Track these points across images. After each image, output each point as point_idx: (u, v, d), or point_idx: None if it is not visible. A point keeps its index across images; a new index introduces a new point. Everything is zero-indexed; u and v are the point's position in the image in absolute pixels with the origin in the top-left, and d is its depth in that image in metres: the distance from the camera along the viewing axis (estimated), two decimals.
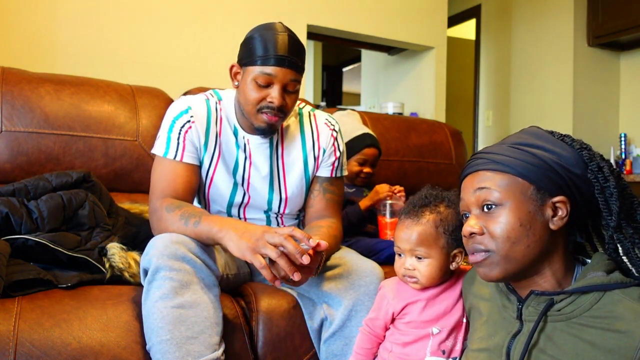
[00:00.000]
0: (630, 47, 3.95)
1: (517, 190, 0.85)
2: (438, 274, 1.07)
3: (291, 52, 1.25)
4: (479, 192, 0.87)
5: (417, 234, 1.06)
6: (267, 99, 1.25)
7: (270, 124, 1.28)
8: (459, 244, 1.06)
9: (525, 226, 0.84)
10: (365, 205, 1.88)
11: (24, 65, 1.93)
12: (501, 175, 0.86)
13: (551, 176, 0.85)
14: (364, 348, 1.14)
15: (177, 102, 1.35)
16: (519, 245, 0.84)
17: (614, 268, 0.86)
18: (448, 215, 1.08)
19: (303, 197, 1.44)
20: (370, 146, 1.98)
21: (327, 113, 1.50)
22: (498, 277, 0.87)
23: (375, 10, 3.53)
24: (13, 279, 1.10)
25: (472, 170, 0.91)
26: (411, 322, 1.08)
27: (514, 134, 0.93)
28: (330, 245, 1.26)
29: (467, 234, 0.88)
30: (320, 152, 1.42)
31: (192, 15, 2.92)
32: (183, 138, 1.29)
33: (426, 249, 1.06)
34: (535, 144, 0.87)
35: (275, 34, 1.24)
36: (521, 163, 0.85)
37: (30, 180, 1.40)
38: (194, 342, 1.05)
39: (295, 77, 1.28)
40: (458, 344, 1.07)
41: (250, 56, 1.26)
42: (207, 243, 1.17)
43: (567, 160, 0.85)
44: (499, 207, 0.85)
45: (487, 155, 0.89)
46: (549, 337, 0.84)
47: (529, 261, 0.85)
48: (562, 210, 0.85)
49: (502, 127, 4.54)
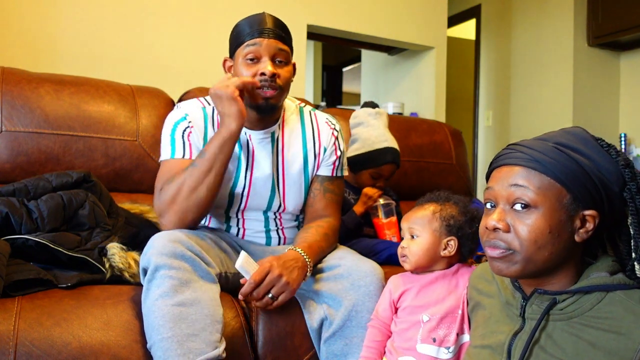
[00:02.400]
0: (630, 47, 3.95)
1: (553, 195, 0.82)
2: (425, 255, 1.14)
3: (274, 25, 1.31)
4: (514, 189, 0.83)
5: (416, 215, 1.19)
6: (259, 71, 1.27)
7: (267, 97, 1.28)
8: (452, 233, 1.15)
9: (553, 234, 0.82)
10: (360, 211, 1.85)
11: (24, 65, 1.93)
12: (540, 176, 0.82)
13: (590, 189, 0.82)
14: (374, 341, 1.16)
15: (174, 111, 1.37)
16: (544, 251, 0.82)
17: (618, 269, 0.86)
18: (449, 208, 1.17)
19: (302, 195, 1.43)
20: (390, 163, 1.88)
21: (327, 114, 1.51)
22: (513, 275, 0.86)
23: (375, 10, 3.53)
24: (13, 279, 1.10)
25: (510, 162, 0.86)
26: (406, 307, 1.14)
27: (559, 132, 0.88)
28: (319, 243, 1.31)
29: (492, 228, 0.85)
30: (321, 150, 1.43)
31: (192, 15, 2.92)
32: (187, 138, 1.32)
33: (419, 228, 1.16)
34: (580, 150, 0.83)
35: (255, 16, 1.32)
36: (563, 168, 0.81)
37: (30, 180, 1.40)
38: (195, 339, 1.05)
39: (282, 47, 1.31)
40: (452, 334, 1.08)
41: (237, 40, 1.31)
42: (224, 152, 1.24)
43: (608, 174, 0.82)
44: (531, 208, 0.82)
45: (529, 151, 0.85)
46: (549, 335, 0.84)
47: (548, 267, 0.84)
48: (590, 224, 0.83)
49: (502, 127, 4.54)
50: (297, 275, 1.19)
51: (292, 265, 1.20)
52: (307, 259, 1.24)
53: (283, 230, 1.45)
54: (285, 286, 1.17)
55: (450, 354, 1.07)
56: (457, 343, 1.08)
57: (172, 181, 1.24)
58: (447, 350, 1.07)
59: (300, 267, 1.21)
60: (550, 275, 0.87)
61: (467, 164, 2.51)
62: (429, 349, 1.08)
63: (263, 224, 1.42)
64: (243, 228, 1.42)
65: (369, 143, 1.88)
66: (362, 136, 1.92)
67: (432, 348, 1.07)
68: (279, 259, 1.19)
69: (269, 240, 1.44)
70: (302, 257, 1.23)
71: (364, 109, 2.00)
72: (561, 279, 0.87)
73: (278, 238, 1.45)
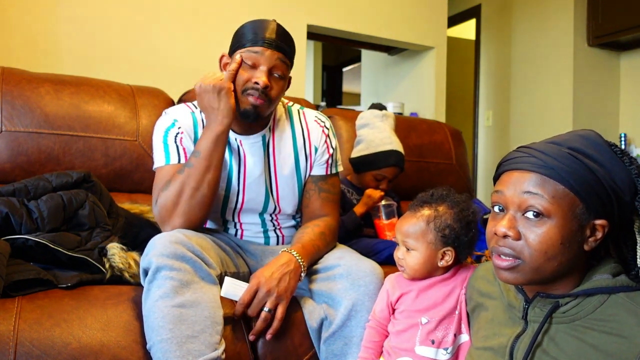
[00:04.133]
0: (630, 47, 3.95)
1: (566, 205, 0.79)
2: (422, 268, 1.11)
3: (279, 37, 1.29)
4: (527, 196, 0.80)
5: (408, 225, 1.12)
6: (252, 79, 1.26)
7: (255, 105, 1.27)
8: (449, 244, 1.10)
9: (565, 245, 0.79)
10: (361, 211, 1.85)
11: (24, 65, 1.93)
12: (554, 184, 0.80)
13: (602, 198, 0.80)
14: (372, 341, 1.16)
15: (162, 117, 1.36)
16: (553, 261, 0.80)
17: (620, 271, 0.85)
18: (444, 215, 1.11)
19: (296, 195, 1.43)
20: (393, 166, 1.89)
21: (315, 111, 1.49)
22: (519, 283, 0.85)
23: (375, 10, 3.53)
24: (13, 279, 1.10)
25: (523, 167, 0.83)
26: (404, 310, 1.12)
27: (572, 136, 0.84)
28: (313, 242, 1.31)
29: (502, 235, 0.82)
30: (312, 150, 1.42)
31: (192, 15, 2.92)
32: (180, 143, 1.31)
33: (414, 241, 1.11)
34: (594, 157, 0.81)
35: (264, 22, 1.29)
36: (577, 177, 0.79)
37: (30, 180, 1.40)
38: (194, 341, 1.05)
39: (282, 60, 1.29)
40: (449, 335, 1.08)
41: (240, 41, 1.29)
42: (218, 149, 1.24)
43: (621, 183, 0.80)
44: (544, 217, 0.79)
45: (543, 156, 0.81)
46: (552, 338, 0.83)
47: (555, 277, 0.83)
48: (599, 233, 0.81)
49: (502, 127, 4.54)
50: (290, 282, 1.20)
51: (283, 271, 1.20)
52: (300, 260, 1.24)
53: (281, 229, 1.45)
54: (278, 298, 1.18)
55: (448, 354, 1.07)
56: (455, 343, 1.08)
57: (169, 185, 1.23)
58: (446, 351, 1.07)
59: (292, 271, 1.21)
60: (555, 282, 0.86)
61: (467, 164, 2.51)
62: (427, 350, 1.07)
63: (260, 225, 1.42)
64: (241, 229, 1.42)
65: (373, 145, 1.89)
66: (367, 138, 1.92)
67: (430, 350, 1.07)
68: (267, 271, 1.19)
69: (268, 240, 1.44)
70: (295, 258, 1.23)
71: (370, 111, 2.00)
72: (565, 283, 0.86)
73: (276, 237, 1.45)
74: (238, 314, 1.18)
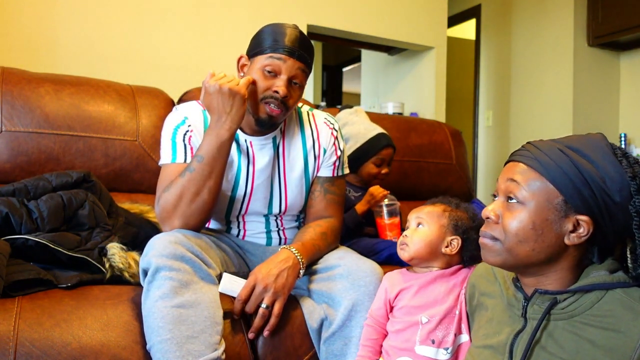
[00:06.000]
0: (630, 47, 3.95)
1: (543, 195, 0.84)
2: (426, 247, 1.15)
3: (301, 46, 1.27)
4: (509, 183, 0.87)
5: (427, 208, 1.21)
6: (272, 88, 1.25)
7: (272, 115, 1.27)
8: (458, 233, 1.17)
9: (536, 230, 0.84)
10: (362, 209, 1.86)
11: (24, 65, 1.93)
12: (535, 175, 0.85)
13: (585, 194, 0.82)
14: (370, 339, 1.16)
15: (173, 114, 1.35)
16: (525, 245, 0.85)
17: (618, 268, 0.86)
18: (459, 212, 1.20)
19: (303, 196, 1.43)
20: (387, 147, 1.95)
21: (325, 112, 1.50)
22: (496, 264, 0.90)
23: (375, 10, 3.53)
24: (13, 279, 1.10)
25: (517, 159, 0.89)
26: (404, 307, 1.13)
27: (578, 136, 0.89)
28: (314, 241, 1.31)
29: (484, 217, 0.91)
30: (320, 152, 1.42)
31: (192, 15, 2.92)
32: (188, 142, 1.30)
33: (428, 218, 1.18)
34: (587, 155, 0.84)
35: (286, 28, 1.28)
36: (559, 171, 0.83)
37: (30, 180, 1.40)
38: (194, 341, 1.05)
39: (303, 69, 1.28)
40: (449, 335, 1.08)
41: (260, 46, 1.27)
42: (222, 155, 1.23)
43: (611, 184, 0.81)
44: (520, 204, 0.85)
45: (534, 150, 0.88)
46: (551, 335, 0.84)
47: (530, 262, 0.86)
48: (584, 230, 0.83)
49: (502, 127, 4.54)
50: (287, 278, 1.20)
51: (281, 268, 1.20)
52: (299, 256, 1.24)
53: (284, 231, 1.45)
54: (275, 295, 1.18)
55: (448, 354, 1.07)
56: (455, 343, 1.08)
57: (170, 187, 1.23)
58: (446, 351, 1.07)
59: (291, 267, 1.21)
60: (541, 275, 0.88)
61: (467, 164, 2.51)
62: (427, 350, 1.08)
63: (264, 225, 1.42)
64: (244, 230, 1.42)
65: (361, 136, 1.94)
66: (352, 133, 1.97)
67: (430, 349, 1.07)
68: (265, 267, 1.20)
69: (270, 240, 1.44)
70: (294, 255, 1.24)
71: (342, 112, 2.09)
72: (557, 278, 0.87)
73: (279, 238, 1.45)
74: (236, 311, 1.18)
